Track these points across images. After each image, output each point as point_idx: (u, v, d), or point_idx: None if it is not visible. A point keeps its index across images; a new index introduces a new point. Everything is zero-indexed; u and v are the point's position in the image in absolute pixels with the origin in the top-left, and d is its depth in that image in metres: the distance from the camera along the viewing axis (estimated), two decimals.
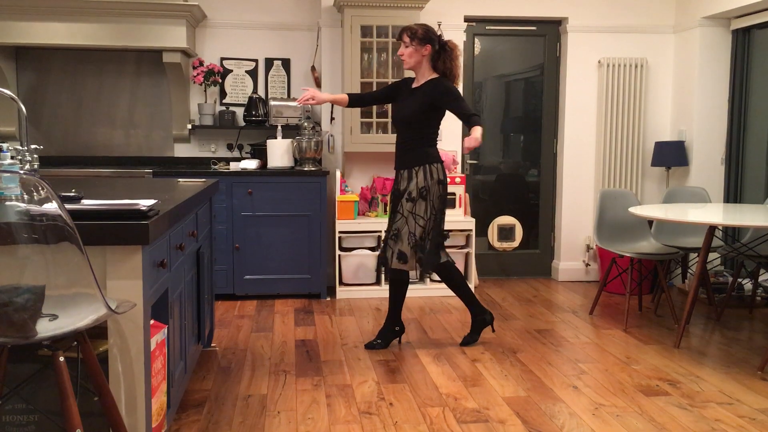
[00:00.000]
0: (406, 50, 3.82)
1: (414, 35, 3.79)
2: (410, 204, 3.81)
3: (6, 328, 1.71)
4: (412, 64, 3.84)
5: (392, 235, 3.87)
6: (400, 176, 3.91)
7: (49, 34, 5.00)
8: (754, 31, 5.21)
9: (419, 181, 3.80)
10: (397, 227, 3.86)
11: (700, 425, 2.95)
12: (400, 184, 3.90)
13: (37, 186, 1.78)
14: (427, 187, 3.80)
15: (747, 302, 4.94)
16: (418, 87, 3.87)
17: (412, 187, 3.81)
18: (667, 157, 5.46)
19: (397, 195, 3.92)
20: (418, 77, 3.90)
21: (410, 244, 3.81)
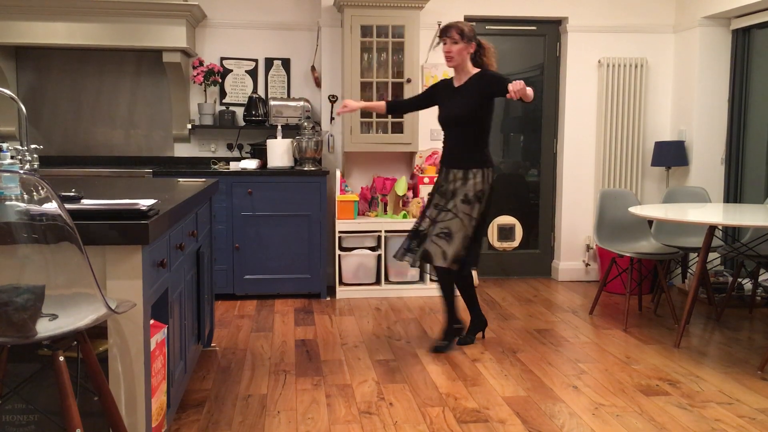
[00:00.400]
0: (455, 47, 3.79)
1: (463, 33, 3.79)
2: (466, 206, 3.79)
3: (6, 327, 1.71)
4: (459, 62, 3.83)
5: (441, 233, 3.80)
6: (453, 175, 3.87)
7: (49, 33, 5.00)
8: (754, 30, 5.21)
9: (477, 184, 3.81)
10: (448, 227, 3.80)
11: (700, 425, 2.95)
12: (452, 184, 3.87)
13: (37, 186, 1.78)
14: (484, 191, 3.81)
15: (747, 302, 4.94)
16: (463, 85, 3.86)
17: (469, 189, 3.80)
18: (667, 156, 5.46)
19: (445, 193, 3.89)
20: (461, 75, 3.89)
21: (464, 245, 3.79)
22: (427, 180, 5.28)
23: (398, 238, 5.21)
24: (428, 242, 3.84)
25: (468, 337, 4.09)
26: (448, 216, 3.82)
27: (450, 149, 3.93)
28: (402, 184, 5.28)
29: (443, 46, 3.85)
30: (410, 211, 5.27)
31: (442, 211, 3.86)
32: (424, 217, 3.98)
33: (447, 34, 3.82)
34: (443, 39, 3.84)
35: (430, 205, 3.97)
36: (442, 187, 3.93)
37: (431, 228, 3.88)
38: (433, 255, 3.81)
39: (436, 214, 3.89)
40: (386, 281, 5.29)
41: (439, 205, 3.90)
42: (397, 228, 5.19)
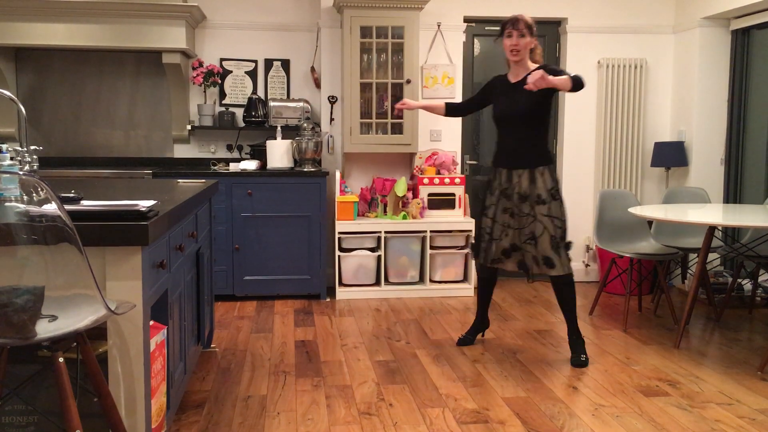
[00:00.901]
0: (523, 41, 3.65)
1: (531, 27, 3.65)
2: (544, 207, 3.64)
3: (5, 328, 1.71)
4: (523, 56, 3.70)
5: (527, 240, 3.68)
6: (516, 176, 3.70)
7: (49, 35, 5.00)
8: (754, 31, 5.21)
9: (547, 182, 3.65)
10: (531, 231, 3.67)
11: (699, 426, 2.95)
12: (518, 186, 3.70)
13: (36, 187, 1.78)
14: (556, 188, 3.67)
15: (747, 303, 4.94)
16: (522, 80, 3.68)
17: (540, 189, 3.65)
18: (667, 157, 5.46)
19: (511, 196, 3.72)
20: (519, 71, 3.75)
21: (553, 247, 3.64)
22: (427, 181, 5.28)
23: (398, 239, 5.22)
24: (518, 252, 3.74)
25: (468, 337, 4.08)
26: (528, 220, 3.67)
27: (511, 148, 3.74)
28: (402, 185, 5.28)
29: (508, 39, 3.66)
30: (410, 212, 5.27)
31: (520, 216, 3.70)
32: (493, 222, 3.80)
33: (515, 26, 3.63)
34: (510, 31, 3.65)
35: (495, 210, 3.78)
36: (506, 189, 3.74)
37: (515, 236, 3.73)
38: (529, 264, 3.72)
39: (508, 220, 3.74)
40: (386, 282, 5.29)
41: (510, 209, 3.73)
42: (397, 229, 5.20)
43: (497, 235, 3.79)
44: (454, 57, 5.53)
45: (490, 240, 3.83)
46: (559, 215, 3.65)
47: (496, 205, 3.78)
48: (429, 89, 5.50)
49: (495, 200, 3.79)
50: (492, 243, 3.82)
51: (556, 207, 3.65)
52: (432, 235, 5.26)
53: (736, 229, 5.06)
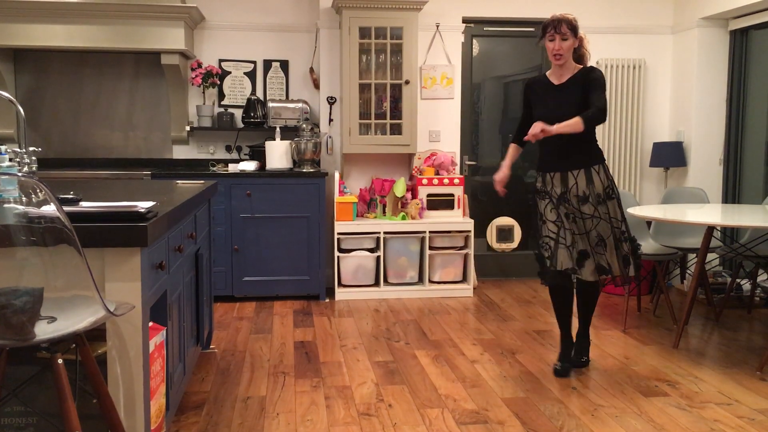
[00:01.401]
0: (566, 44, 3.40)
1: (575, 28, 3.41)
2: (604, 207, 3.46)
3: (4, 330, 1.71)
4: (567, 59, 3.46)
5: (597, 243, 3.47)
6: (572, 176, 3.47)
7: (48, 36, 4.99)
8: (752, 31, 5.22)
9: (603, 181, 3.47)
10: (599, 233, 3.46)
11: (699, 426, 2.95)
12: (576, 187, 3.47)
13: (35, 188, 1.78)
14: (612, 186, 3.49)
15: (746, 303, 4.94)
16: (566, 82, 3.50)
17: (598, 188, 3.45)
18: (666, 157, 5.47)
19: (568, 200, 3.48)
20: (562, 72, 3.51)
21: (618, 247, 3.48)
22: (426, 181, 5.28)
23: (397, 240, 5.22)
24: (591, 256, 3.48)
25: (564, 366, 3.64)
26: (594, 222, 3.46)
27: (561, 150, 3.50)
28: (401, 185, 5.28)
29: (550, 43, 3.42)
30: (409, 213, 5.27)
31: (583, 219, 3.47)
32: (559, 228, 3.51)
33: (558, 29, 3.38)
34: (552, 35, 3.41)
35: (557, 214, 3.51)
36: (564, 193, 3.49)
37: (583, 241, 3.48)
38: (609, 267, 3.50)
39: (572, 225, 3.48)
40: (385, 283, 5.29)
41: (571, 213, 3.48)
42: (396, 229, 5.20)
43: (569, 241, 3.49)
44: (453, 58, 5.53)
45: (556, 245, 3.51)
46: (618, 216, 3.48)
47: (557, 210, 3.52)
48: (428, 90, 5.51)
49: (554, 205, 3.53)
50: (561, 248, 3.49)
51: (614, 207, 3.48)
52: (431, 235, 5.26)
53: (735, 229, 5.06)
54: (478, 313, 4.82)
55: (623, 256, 3.49)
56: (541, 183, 3.61)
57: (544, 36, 3.46)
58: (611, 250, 3.48)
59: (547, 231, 3.54)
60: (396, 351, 3.98)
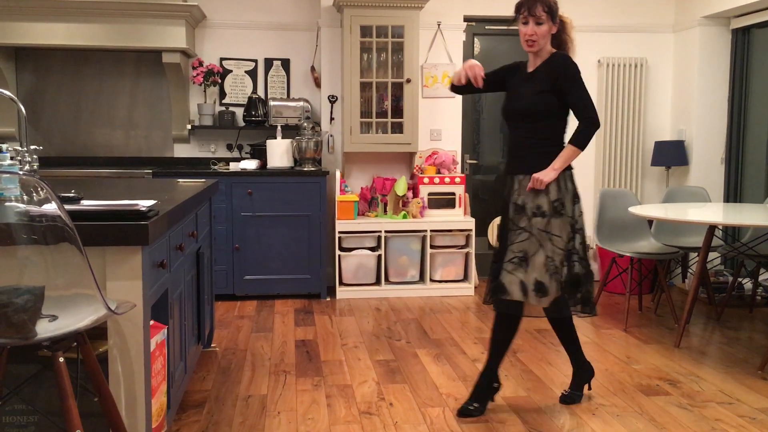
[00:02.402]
0: (540, 29, 2.98)
1: (552, 11, 2.98)
2: (541, 220, 2.95)
3: (6, 328, 1.71)
4: (543, 46, 3.05)
5: (515, 258, 2.97)
6: (517, 182, 3.03)
7: (49, 34, 4.99)
8: (754, 30, 5.21)
9: (552, 193, 2.96)
10: (523, 249, 2.96)
11: (700, 425, 2.95)
12: (517, 193, 3.02)
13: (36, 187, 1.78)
14: (562, 200, 2.96)
15: (747, 302, 4.94)
16: (536, 69, 3.10)
17: (542, 199, 2.96)
18: (667, 156, 5.46)
19: (507, 207, 3.07)
20: (536, 59, 3.11)
21: (549, 271, 2.95)
22: (427, 180, 5.28)
23: (398, 239, 5.22)
24: (502, 272, 3.01)
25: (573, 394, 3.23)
26: (521, 235, 2.97)
27: (512, 149, 3.11)
28: (402, 184, 5.28)
29: (524, 27, 3.01)
30: (410, 212, 5.27)
31: (509, 229, 3.04)
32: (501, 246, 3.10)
33: (531, 11, 2.96)
34: (526, 17, 2.99)
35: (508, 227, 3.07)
36: (512, 198, 3.05)
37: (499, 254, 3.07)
38: (507, 286, 2.97)
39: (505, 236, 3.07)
40: (386, 281, 5.29)
41: (513, 223, 3.03)
42: (397, 228, 5.19)
43: None
44: (454, 56, 5.53)
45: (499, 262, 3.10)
46: (559, 234, 2.95)
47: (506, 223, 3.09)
48: (429, 88, 5.50)
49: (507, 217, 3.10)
50: None
51: (557, 224, 2.96)
52: (432, 234, 5.26)
53: (737, 228, 5.06)
54: (479, 312, 4.82)
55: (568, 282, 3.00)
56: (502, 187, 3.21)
57: (517, 18, 3.04)
58: (535, 271, 2.94)
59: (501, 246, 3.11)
60: (397, 350, 3.98)
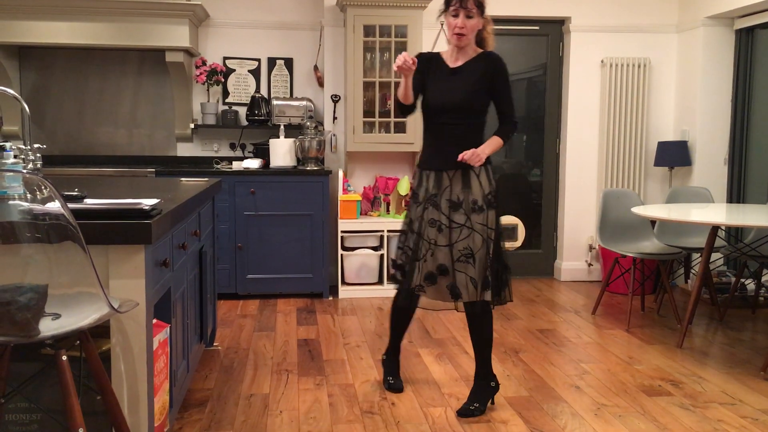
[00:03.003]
0: (470, 22, 2.99)
1: (481, 4, 3.01)
2: (479, 215, 3.00)
3: (9, 327, 1.72)
4: (470, 40, 3.07)
5: (463, 256, 2.98)
6: (447, 178, 3.04)
7: (52, 33, 5.00)
8: (758, 30, 5.20)
9: (484, 186, 3.03)
10: (468, 246, 2.98)
11: (702, 426, 2.95)
12: (449, 190, 3.03)
13: (40, 185, 1.78)
14: (493, 192, 3.05)
15: (750, 302, 4.93)
16: (465, 65, 3.09)
17: (476, 194, 3.01)
18: (670, 156, 5.45)
19: (436, 203, 3.04)
20: (459, 54, 3.10)
21: (489, 264, 3.00)
22: None
23: None
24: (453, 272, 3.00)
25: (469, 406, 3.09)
26: (463, 233, 2.99)
27: (444, 145, 3.07)
28: (404, 183, 5.28)
29: (454, 19, 3.00)
30: None
31: (450, 228, 3.01)
32: (419, 239, 3.07)
33: (463, 4, 2.96)
34: (456, 10, 2.98)
35: (421, 223, 3.06)
36: (435, 196, 3.05)
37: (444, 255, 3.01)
38: (462, 290, 2.99)
39: (435, 235, 3.03)
40: (389, 281, 5.28)
41: (439, 221, 3.02)
42: (400, 228, 5.18)
43: (422, 254, 3.06)
44: None
45: (414, 260, 3.08)
46: (494, 227, 3.02)
47: (422, 218, 3.07)
48: None
49: (421, 211, 3.08)
50: (415, 264, 3.07)
51: (491, 217, 3.02)
52: None
53: (740, 228, 5.05)
54: None
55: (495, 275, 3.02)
56: (415, 182, 3.17)
57: (447, 10, 3.03)
58: (480, 266, 2.98)
59: (406, 242, 3.13)
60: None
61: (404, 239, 3.16)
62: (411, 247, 3.11)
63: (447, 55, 3.15)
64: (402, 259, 3.15)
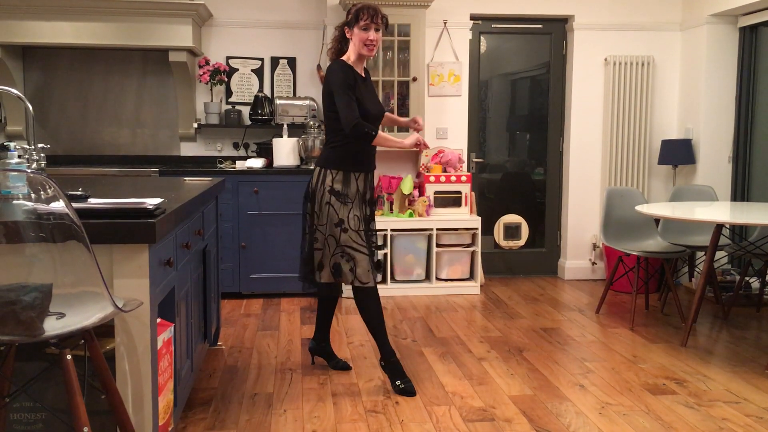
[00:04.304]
0: (378, 35, 3.25)
1: (386, 20, 3.30)
2: (374, 210, 3.51)
3: (14, 326, 1.72)
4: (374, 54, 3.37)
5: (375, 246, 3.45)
6: (371, 179, 3.43)
7: (56, 33, 5.01)
8: (762, 28, 5.18)
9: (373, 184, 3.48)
10: (373, 237, 3.46)
11: (707, 424, 2.94)
12: (370, 190, 3.43)
13: (44, 185, 1.78)
14: None
15: (754, 301, 4.92)
16: (367, 76, 3.43)
17: (372, 190, 3.46)
18: (674, 155, 5.44)
19: (369, 201, 3.44)
20: (360, 65, 3.36)
21: None
22: (433, 179, 5.28)
23: (404, 237, 5.22)
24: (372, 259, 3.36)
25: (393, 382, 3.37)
26: (373, 225, 3.48)
27: (370, 149, 3.36)
28: (408, 182, 5.28)
29: (365, 33, 3.20)
30: (416, 210, 5.27)
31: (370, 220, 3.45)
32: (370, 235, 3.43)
33: (374, 19, 3.19)
34: (368, 24, 3.20)
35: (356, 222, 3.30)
36: (364, 195, 3.37)
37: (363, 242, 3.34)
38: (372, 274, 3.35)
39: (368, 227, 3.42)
40: (392, 280, 5.29)
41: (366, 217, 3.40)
42: (403, 227, 5.19)
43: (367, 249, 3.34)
44: (461, 55, 5.52)
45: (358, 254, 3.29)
46: None
47: (357, 215, 3.30)
48: (435, 87, 5.50)
49: (358, 209, 3.31)
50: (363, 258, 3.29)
51: None
52: (438, 232, 5.26)
53: (744, 227, 5.04)
54: (485, 311, 4.82)
55: None
56: (340, 184, 3.28)
57: (357, 22, 3.20)
58: None
59: (347, 239, 3.26)
60: (403, 348, 3.98)
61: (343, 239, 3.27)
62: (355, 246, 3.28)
63: (355, 65, 3.31)
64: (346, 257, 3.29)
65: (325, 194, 3.27)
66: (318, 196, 3.29)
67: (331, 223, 3.27)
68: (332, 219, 3.26)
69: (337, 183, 3.27)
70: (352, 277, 3.28)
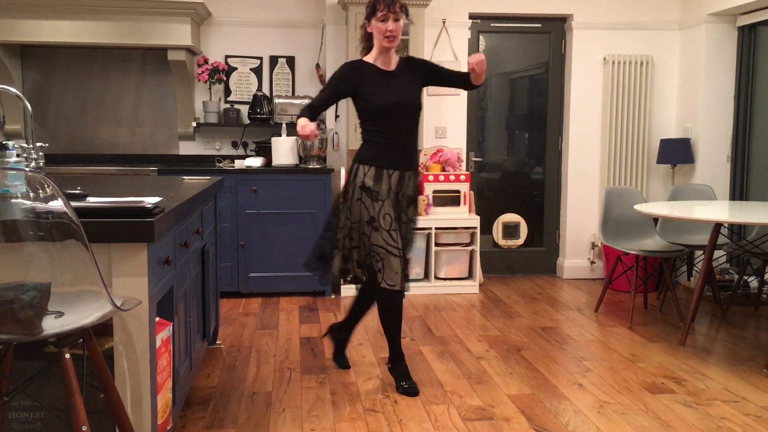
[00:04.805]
0: (398, 25, 3.15)
1: (405, 7, 3.20)
2: (414, 210, 3.38)
3: (12, 325, 1.72)
4: (399, 42, 3.23)
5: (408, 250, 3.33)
6: (408, 178, 3.28)
7: (55, 32, 5.01)
8: (760, 27, 5.19)
9: (416, 184, 3.35)
10: (409, 240, 3.35)
11: (705, 423, 2.95)
12: (406, 188, 3.29)
13: (42, 183, 1.78)
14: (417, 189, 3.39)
15: (753, 300, 4.93)
16: (398, 69, 3.28)
17: (414, 191, 3.34)
18: (673, 154, 5.45)
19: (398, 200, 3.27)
20: (389, 58, 3.26)
21: None
22: (432, 178, 5.28)
23: None
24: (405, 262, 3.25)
25: None
26: (410, 226, 3.35)
27: (403, 144, 3.25)
28: None
29: (383, 24, 3.13)
30: None
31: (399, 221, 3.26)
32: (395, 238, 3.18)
33: (391, 8, 3.11)
34: (386, 14, 3.12)
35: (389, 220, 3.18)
36: (398, 194, 3.25)
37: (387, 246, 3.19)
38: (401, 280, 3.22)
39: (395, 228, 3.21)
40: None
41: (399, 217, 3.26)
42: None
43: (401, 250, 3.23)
44: (460, 54, 5.52)
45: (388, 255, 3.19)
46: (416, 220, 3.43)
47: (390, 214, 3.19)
48: None
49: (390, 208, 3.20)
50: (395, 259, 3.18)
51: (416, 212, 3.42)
52: (437, 232, 5.26)
53: (743, 226, 5.04)
54: (483, 310, 4.82)
55: None
56: (372, 180, 3.20)
57: (374, 15, 3.14)
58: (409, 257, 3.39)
59: (377, 239, 3.17)
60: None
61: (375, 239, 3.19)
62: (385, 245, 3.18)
63: (376, 60, 3.27)
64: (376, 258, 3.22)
65: (356, 190, 3.21)
66: (350, 192, 3.25)
67: (362, 221, 3.21)
68: (363, 216, 3.20)
69: (369, 179, 3.20)
70: (381, 277, 3.19)
